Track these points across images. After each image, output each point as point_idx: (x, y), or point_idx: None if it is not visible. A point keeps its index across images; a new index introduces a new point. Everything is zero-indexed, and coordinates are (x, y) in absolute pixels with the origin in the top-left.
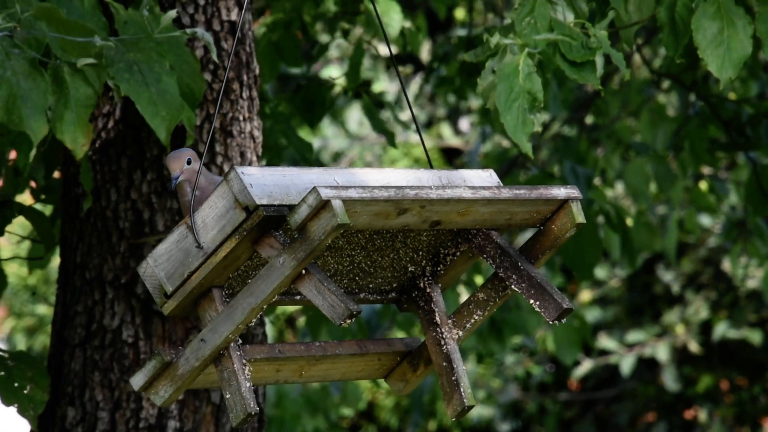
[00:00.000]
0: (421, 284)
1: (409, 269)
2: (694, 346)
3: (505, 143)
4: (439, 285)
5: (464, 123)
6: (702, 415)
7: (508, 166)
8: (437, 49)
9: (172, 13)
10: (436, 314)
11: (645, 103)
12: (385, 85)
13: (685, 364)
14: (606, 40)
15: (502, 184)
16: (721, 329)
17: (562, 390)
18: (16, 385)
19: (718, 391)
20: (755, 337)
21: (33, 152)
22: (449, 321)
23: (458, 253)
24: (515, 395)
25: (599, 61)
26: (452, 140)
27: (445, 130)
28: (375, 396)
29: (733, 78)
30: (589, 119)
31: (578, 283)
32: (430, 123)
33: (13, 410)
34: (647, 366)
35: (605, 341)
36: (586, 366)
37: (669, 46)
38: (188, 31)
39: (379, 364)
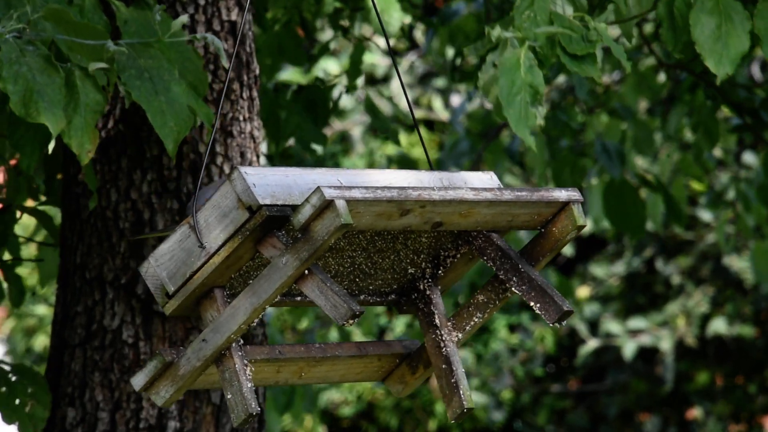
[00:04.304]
0: (421, 286)
1: (409, 271)
2: (690, 339)
3: (488, 105)
4: (439, 287)
5: (455, 99)
6: (697, 411)
7: (495, 131)
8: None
9: (183, 18)
10: (436, 316)
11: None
12: (382, 70)
13: (682, 360)
14: (606, 32)
15: (502, 186)
16: (719, 325)
17: (556, 382)
18: (17, 402)
19: (714, 387)
20: (749, 331)
21: (52, 143)
22: (449, 323)
23: (458, 255)
24: (509, 383)
25: (599, 54)
26: (442, 113)
27: (437, 102)
28: (375, 396)
29: (730, 74)
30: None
31: (631, 241)
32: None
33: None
34: (644, 359)
35: (610, 325)
36: (591, 345)
37: (668, 41)
38: (198, 36)
39: (378, 365)
